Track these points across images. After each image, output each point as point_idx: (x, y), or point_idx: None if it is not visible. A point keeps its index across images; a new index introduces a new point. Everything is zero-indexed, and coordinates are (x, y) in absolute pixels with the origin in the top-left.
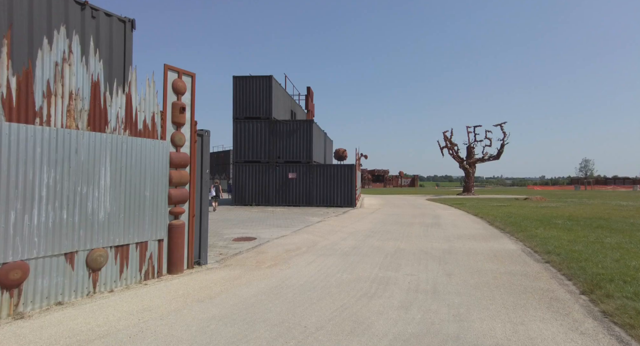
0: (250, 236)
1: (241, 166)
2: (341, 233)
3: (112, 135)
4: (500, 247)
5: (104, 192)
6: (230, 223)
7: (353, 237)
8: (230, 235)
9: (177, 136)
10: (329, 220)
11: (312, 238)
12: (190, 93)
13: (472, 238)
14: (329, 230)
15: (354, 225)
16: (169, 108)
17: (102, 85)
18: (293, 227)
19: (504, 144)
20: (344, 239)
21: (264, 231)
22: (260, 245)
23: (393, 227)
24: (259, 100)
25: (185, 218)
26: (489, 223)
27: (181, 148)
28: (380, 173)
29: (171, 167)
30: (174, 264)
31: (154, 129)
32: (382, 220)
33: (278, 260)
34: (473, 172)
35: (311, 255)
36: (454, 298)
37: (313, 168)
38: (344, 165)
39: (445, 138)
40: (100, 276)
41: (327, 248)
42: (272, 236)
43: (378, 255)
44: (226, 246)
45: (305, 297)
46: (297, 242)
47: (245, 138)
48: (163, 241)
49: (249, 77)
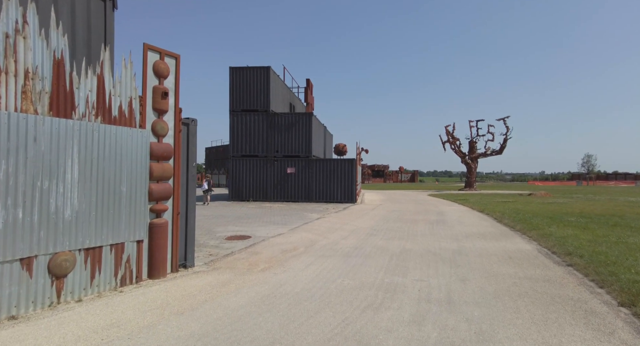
0: (245, 234)
1: (238, 160)
2: (341, 232)
3: (80, 122)
4: (513, 247)
5: (71, 187)
6: (224, 220)
7: (354, 235)
8: (223, 233)
9: (159, 124)
10: (329, 216)
11: (311, 237)
12: (174, 77)
13: (481, 237)
14: (329, 228)
15: (355, 222)
16: (149, 93)
17: (68, 64)
18: (291, 224)
19: (507, 139)
20: (345, 238)
21: (260, 229)
22: (255, 245)
23: (396, 224)
24: (256, 92)
25: (168, 217)
26: (497, 220)
27: (164, 139)
28: (381, 168)
29: (152, 159)
30: (156, 268)
31: (131, 116)
32: (384, 217)
33: (273, 262)
34: (475, 167)
35: (309, 257)
36: (472, 310)
37: (312, 162)
38: (344, 160)
39: (448, 133)
40: (66, 283)
41: (326, 248)
42: (268, 234)
43: (382, 256)
44: (218, 245)
45: (301, 309)
46: (294, 241)
47: (243, 132)
48: (143, 242)
49: (246, 68)
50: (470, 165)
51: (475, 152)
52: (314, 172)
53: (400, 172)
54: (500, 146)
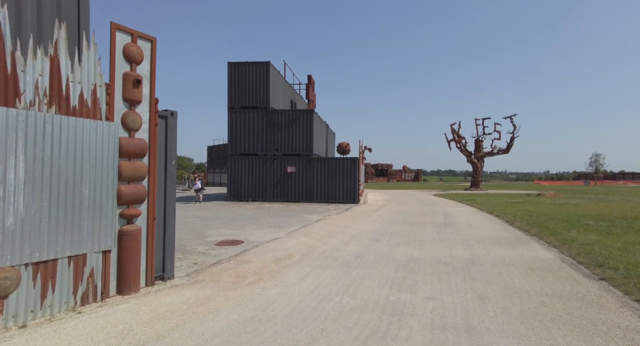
0: (237, 239)
1: (237, 159)
2: (342, 236)
3: (27, 112)
4: (532, 255)
5: (15, 190)
6: (219, 222)
7: (356, 240)
8: (215, 237)
9: (130, 117)
10: (330, 218)
11: (309, 242)
12: (149, 63)
13: (495, 243)
14: (329, 232)
15: (358, 225)
16: (118, 80)
17: (9, 40)
18: (289, 227)
19: (514, 137)
20: (346, 243)
21: (255, 232)
22: (247, 252)
23: (401, 227)
24: (255, 88)
25: (142, 223)
26: (509, 223)
27: (136, 133)
28: (384, 167)
29: (122, 157)
30: (126, 282)
31: (95, 107)
32: (388, 219)
33: (263, 274)
34: (481, 166)
35: (305, 266)
36: (499, 342)
37: (314, 161)
38: (346, 159)
39: (453, 131)
40: (6, 306)
41: (325, 256)
42: (262, 239)
43: (387, 266)
44: (206, 252)
45: (289, 339)
46: (290, 247)
47: (241, 129)
48: (110, 252)
49: (245, 64)
50: (476, 164)
51: (482, 150)
52: (315, 171)
53: (403, 171)
54: (507, 144)
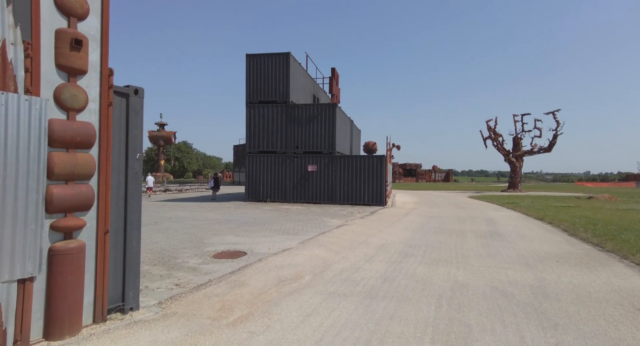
0: (241, 249)
1: (255, 157)
2: (366, 248)
3: None
4: (627, 285)
5: None
6: (226, 227)
7: (383, 254)
8: (215, 246)
9: (68, 91)
10: (353, 223)
11: (324, 256)
12: (99, 20)
13: (563, 262)
14: (350, 241)
15: (385, 234)
16: (47, 39)
17: None
18: (304, 233)
19: (557, 134)
20: (370, 259)
21: (264, 240)
22: (246, 268)
23: (438, 237)
24: (274, 82)
25: (88, 237)
26: (569, 233)
27: (79, 114)
28: (412, 167)
29: (54, 146)
30: (58, 321)
31: (4, 73)
32: (421, 226)
33: (257, 305)
34: (520, 166)
35: (314, 294)
36: None
37: (336, 160)
38: (372, 157)
39: (489, 128)
40: None
41: (342, 277)
42: (270, 250)
43: (425, 297)
44: (196, 267)
45: None
46: (300, 263)
47: (260, 126)
48: (33, 281)
49: (263, 55)
50: (514, 164)
51: (521, 149)
52: (338, 170)
53: (433, 171)
54: (549, 142)
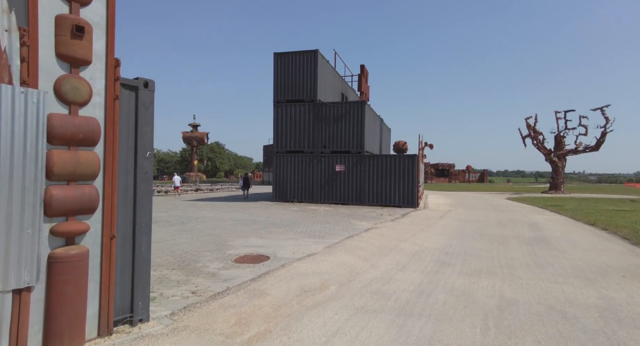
0: (264, 253)
1: (282, 157)
2: (398, 254)
3: None
4: None
5: None
6: (252, 228)
7: (417, 262)
8: (238, 248)
9: (70, 83)
10: (383, 226)
11: (352, 263)
12: (104, 6)
13: (632, 277)
14: (381, 247)
15: (418, 239)
16: (46, 25)
17: None
18: (331, 237)
19: (606, 132)
20: (403, 268)
21: (289, 244)
22: (267, 275)
23: (477, 243)
24: (302, 80)
25: (93, 242)
26: (632, 242)
27: (82, 109)
28: (445, 167)
29: (54, 144)
30: (59, 334)
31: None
32: (457, 230)
33: (276, 320)
34: (563, 166)
35: (340, 309)
36: None
37: (365, 159)
38: (404, 156)
39: (528, 126)
40: None
41: (371, 289)
42: (294, 254)
43: (467, 318)
44: (216, 273)
45: None
46: (326, 270)
47: (287, 125)
48: (30, 291)
49: (291, 53)
50: (556, 164)
51: (563, 148)
52: (367, 170)
53: (467, 171)
54: (597, 141)
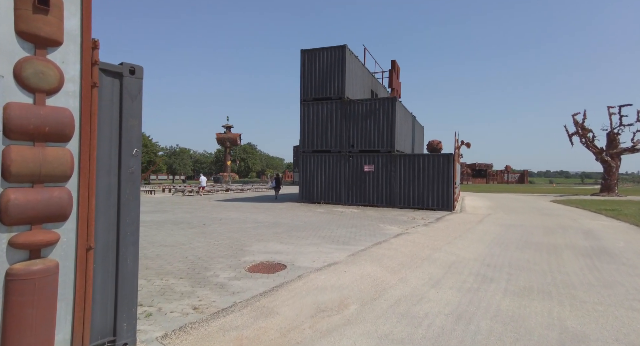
0: (281, 261)
1: (309, 157)
2: (431, 266)
3: None
4: None
5: None
6: (273, 231)
7: (453, 276)
8: (255, 255)
9: (33, 67)
10: (414, 232)
11: (377, 276)
12: None
13: None
14: (411, 256)
15: (454, 247)
16: None
17: None
18: (356, 243)
19: None
20: (437, 283)
21: (309, 250)
22: (281, 288)
23: (524, 253)
24: (329, 77)
25: (65, 256)
26: None
27: (51, 98)
28: (482, 167)
29: (13, 138)
30: None
31: None
32: (499, 237)
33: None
34: (617, 166)
35: (360, 338)
36: None
37: (396, 159)
38: (438, 155)
39: (576, 123)
40: None
41: (399, 311)
42: (314, 263)
43: None
44: (225, 284)
45: None
46: (346, 285)
47: (313, 124)
48: None
49: (318, 50)
50: (609, 163)
51: (618, 146)
52: (398, 170)
53: (506, 171)
54: None
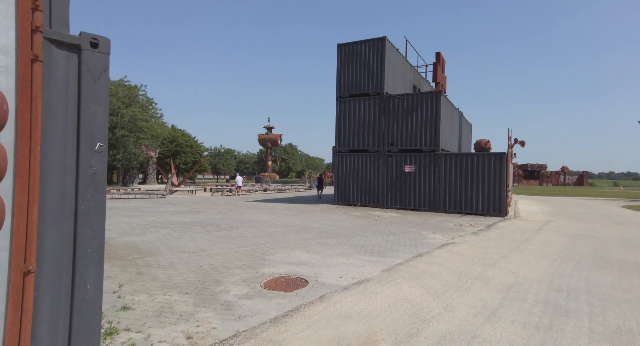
0: (302, 275)
1: (345, 156)
2: (484, 288)
3: None
4: None
5: None
6: (302, 237)
7: (514, 304)
8: (275, 266)
9: None
10: (462, 242)
11: (417, 300)
12: None
13: None
14: (459, 274)
15: (511, 262)
16: None
17: None
18: (392, 254)
19: None
20: (493, 315)
21: (337, 262)
22: (297, 313)
23: (603, 274)
24: (367, 71)
25: None
26: None
27: None
28: (535, 168)
29: None
30: None
31: None
32: (566, 251)
33: None
34: None
35: None
36: None
37: (440, 158)
38: (489, 155)
39: None
40: None
41: None
42: (340, 279)
43: None
44: (233, 303)
45: None
46: (377, 312)
47: (350, 122)
48: None
49: (356, 43)
50: None
51: None
52: (443, 171)
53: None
54: None
